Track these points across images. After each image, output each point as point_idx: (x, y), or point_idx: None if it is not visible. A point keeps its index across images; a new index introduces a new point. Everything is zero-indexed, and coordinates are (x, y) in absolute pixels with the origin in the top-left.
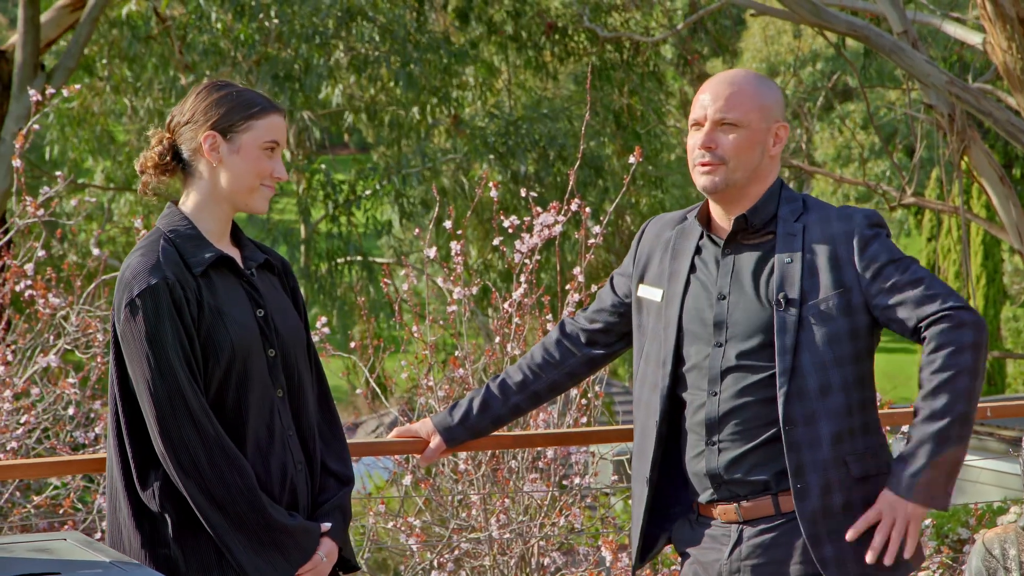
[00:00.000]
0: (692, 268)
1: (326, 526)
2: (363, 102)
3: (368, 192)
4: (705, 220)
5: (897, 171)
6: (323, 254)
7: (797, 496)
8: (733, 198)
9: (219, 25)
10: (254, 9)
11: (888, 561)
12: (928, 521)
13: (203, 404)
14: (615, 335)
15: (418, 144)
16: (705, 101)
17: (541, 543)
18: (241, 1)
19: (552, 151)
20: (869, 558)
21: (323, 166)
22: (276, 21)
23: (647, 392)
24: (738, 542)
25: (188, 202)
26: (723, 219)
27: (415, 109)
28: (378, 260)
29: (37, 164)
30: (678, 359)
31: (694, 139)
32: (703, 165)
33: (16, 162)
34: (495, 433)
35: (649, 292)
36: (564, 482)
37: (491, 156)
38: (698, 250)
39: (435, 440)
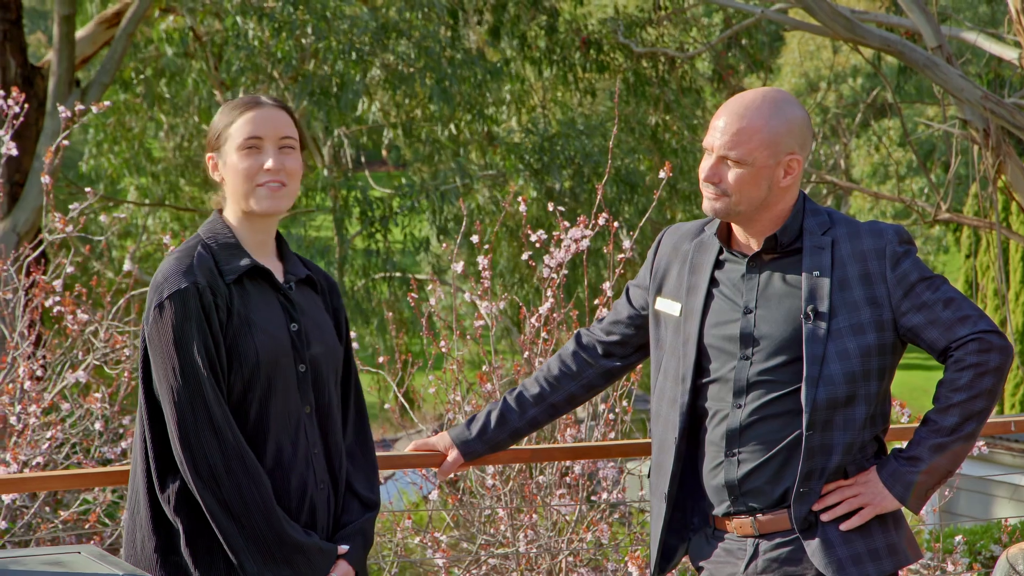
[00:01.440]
0: (713, 282)
1: (343, 548)
2: (399, 119)
3: (404, 209)
4: (725, 237)
5: (933, 188)
6: (359, 271)
7: (796, 498)
8: (741, 222)
9: (256, 42)
10: (291, 25)
11: (825, 518)
12: (959, 538)
13: (225, 411)
14: (632, 347)
15: (454, 161)
16: (717, 129)
17: (569, 559)
18: (278, 17)
19: (587, 168)
20: (815, 506)
21: (360, 183)
22: (312, 37)
23: (666, 407)
24: (754, 556)
25: (228, 214)
26: (744, 236)
27: (452, 125)
28: (417, 276)
29: (73, 181)
30: (698, 373)
31: (703, 164)
32: (707, 193)
33: (45, 179)
34: (513, 447)
35: (667, 306)
36: (592, 497)
37: (527, 172)
38: (719, 264)
39: (452, 454)
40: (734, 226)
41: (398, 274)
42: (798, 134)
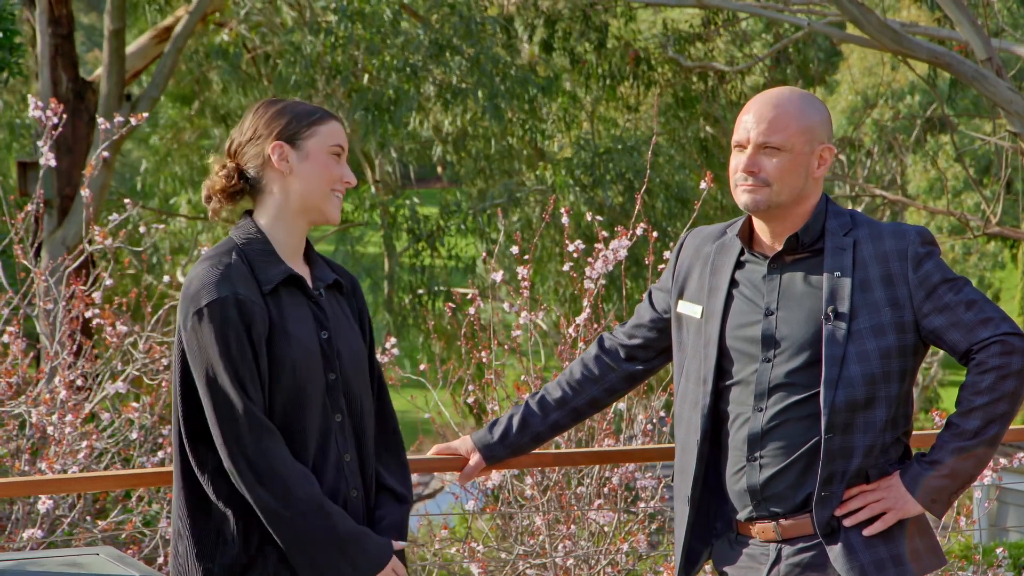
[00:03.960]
0: (734, 283)
1: (400, 545)
2: (451, 135)
3: (451, 228)
4: (747, 237)
5: (986, 202)
6: (407, 288)
7: (818, 502)
8: (775, 217)
9: (312, 55)
10: (347, 40)
11: (848, 523)
12: (1000, 550)
13: (266, 420)
14: (654, 351)
15: (503, 183)
16: (748, 123)
17: (607, 569)
18: (334, 32)
19: (638, 183)
20: (838, 511)
21: (409, 200)
22: (367, 52)
23: (688, 410)
24: (776, 561)
25: (262, 217)
26: (767, 236)
27: (507, 138)
28: (459, 290)
29: (124, 194)
30: (719, 376)
31: (736, 160)
32: (745, 185)
33: (85, 192)
34: (536, 451)
35: (688, 308)
36: (631, 509)
37: (577, 189)
38: (739, 265)
39: (474, 458)
40: (757, 226)
41: (443, 289)
42: (827, 126)
